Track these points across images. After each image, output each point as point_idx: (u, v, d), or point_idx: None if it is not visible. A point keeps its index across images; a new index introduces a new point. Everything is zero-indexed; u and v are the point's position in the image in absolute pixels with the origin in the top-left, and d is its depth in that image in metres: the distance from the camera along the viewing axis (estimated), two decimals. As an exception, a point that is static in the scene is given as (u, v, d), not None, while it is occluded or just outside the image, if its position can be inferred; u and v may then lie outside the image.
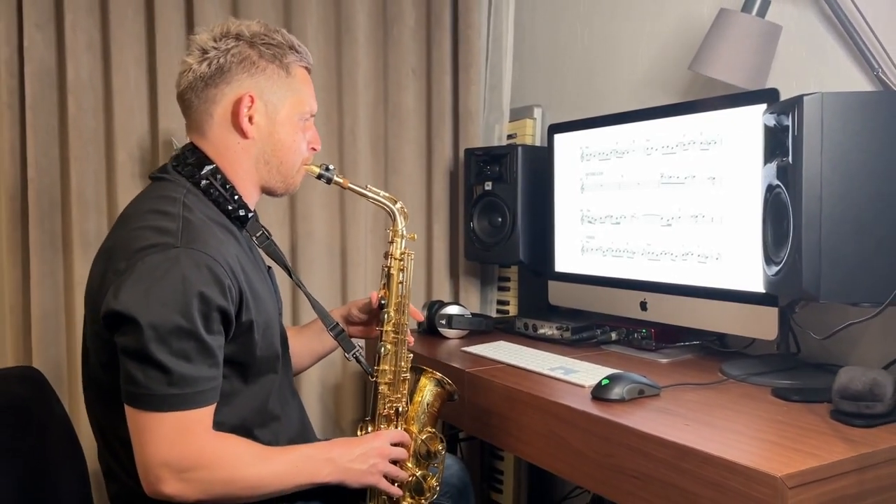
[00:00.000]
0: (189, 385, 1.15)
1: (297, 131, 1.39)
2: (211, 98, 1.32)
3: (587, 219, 1.97)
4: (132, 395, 1.15)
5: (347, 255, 2.35)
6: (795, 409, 1.30)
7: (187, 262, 1.16)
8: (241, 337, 1.25)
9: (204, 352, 1.16)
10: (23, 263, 2.07)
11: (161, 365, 1.13)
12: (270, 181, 1.39)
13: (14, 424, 1.45)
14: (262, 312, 1.30)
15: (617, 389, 1.37)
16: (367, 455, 1.32)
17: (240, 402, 1.28)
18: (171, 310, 1.13)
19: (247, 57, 1.32)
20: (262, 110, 1.33)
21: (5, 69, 2.03)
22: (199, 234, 1.21)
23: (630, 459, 1.22)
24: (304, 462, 1.27)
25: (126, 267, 1.16)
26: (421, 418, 1.47)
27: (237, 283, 1.22)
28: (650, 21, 2.08)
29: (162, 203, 1.26)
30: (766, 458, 1.06)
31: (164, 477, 1.14)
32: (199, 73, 1.31)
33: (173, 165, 1.35)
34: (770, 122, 1.34)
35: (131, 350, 1.14)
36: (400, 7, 2.41)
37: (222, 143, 1.34)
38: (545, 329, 1.96)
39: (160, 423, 1.14)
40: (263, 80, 1.33)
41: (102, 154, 2.11)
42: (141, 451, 1.16)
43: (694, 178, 1.67)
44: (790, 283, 1.27)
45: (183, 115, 1.39)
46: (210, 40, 1.32)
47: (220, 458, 1.19)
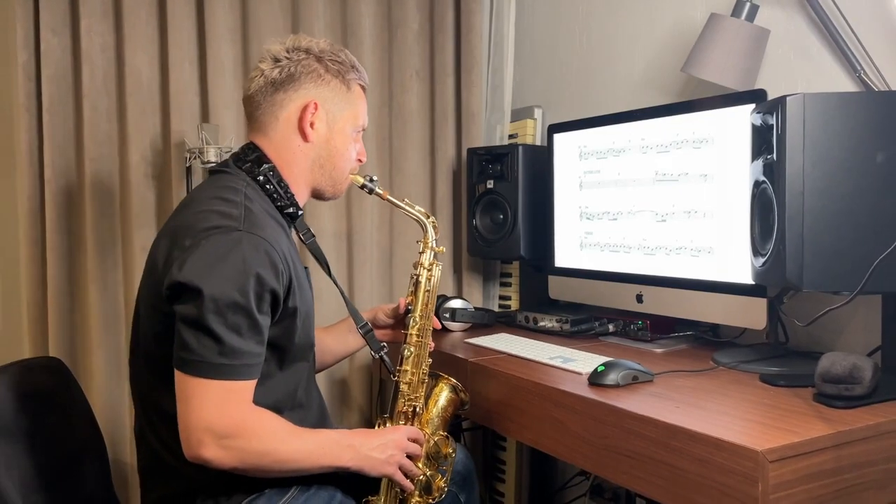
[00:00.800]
0: (237, 357, 1.23)
1: (350, 141, 1.49)
2: (279, 102, 1.42)
3: (585, 215, 2.04)
4: (184, 361, 1.23)
5: (354, 252, 2.41)
6: (781, 393, 1.37)
7: (248, 245, 1.25)
8: (285, 321, 1.33)
9: (253, 328, 1.25)
10: (40, 260, 2.12)
11: (215, 335, 1.21)
12: (322, 184, 1.49)
13: (40, 411, 1.52)
14: (305, 302, 1.38)
15: (612, 375, 1.43)
16: (386, 446, 1.39)
17: (273, 385, 1.35)
18: (230, 285, 1.22)
19: (315, 69, 1.43)
20: (323, 118, 1.44)
21: (23, 73, 2.08)
22: (259, 221, 1.31)
23: (624, 440, 1.29)
24: (329, 444, 1.34)
25: (191, 244, 1.25)
26: (434, 421, 1.55)
27: (288, 269, 1.31)
28: (645, 25, 2.14)
29: (225, 192, 1.35)
30: (749, 435, 1.13)
31: (205, 441, 1.21)
32: (271, 78, 1.42)
33: (234, 161, 1.45)
34: (757, 121, 1.40)
35: (189, 319, 1.22)
36: (404, 11, 2.46)
37: (284, 144, 1.44)
38: (545, 322, 2.02)
39: (207, 390, 1.21)
40: (327, 91, 1.44)
41: (116, 155, 2.16)
42: (186, 414, 1.22)
43: (687, 176, 1.74)
44: (775, 273, 1.33)
45: (247, 116, 1.49)
46: (283, 50, 1.44)
47: (259, 430, 1.26)
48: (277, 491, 1.35)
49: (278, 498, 1.34)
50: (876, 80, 1.55)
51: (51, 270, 2.10)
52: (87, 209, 2.11)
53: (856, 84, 1.58)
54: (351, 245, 2.42)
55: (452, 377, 1.59)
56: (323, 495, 1.39)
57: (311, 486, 1.39)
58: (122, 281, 2.16)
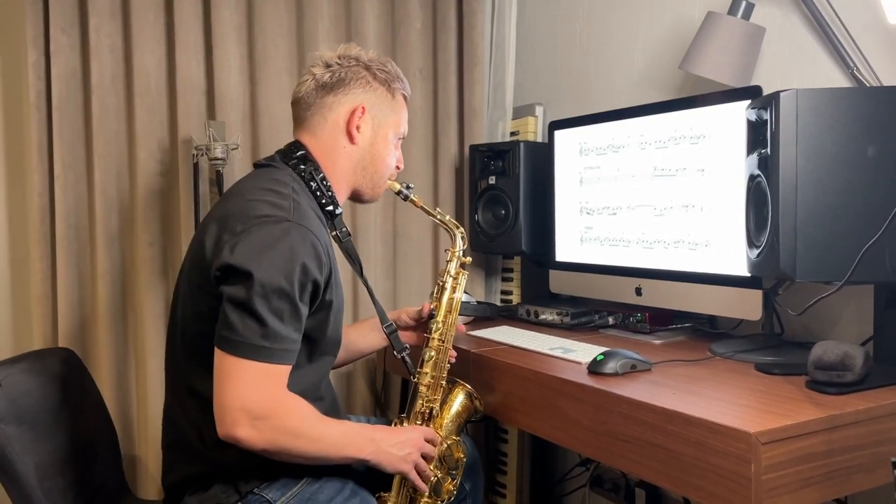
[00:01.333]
0: (278, 341, 1.27)
1: (391, 147, 1.56)
2: (328, 104, 1.49)
3: (586, 210, 2.08)
4: (227, 341, 1.27)
5: (359, 247, 2.40)
6: (775, 381, 1.41)
7: (297, 236, 1.31)
8: (320, 313, 1.38)
9: (294, 315, 1.30)
10: (50, 256, 2.15)
11: (260, 317, 1.25)
12: (362, 185, 1.55)
13: (54, 399, 1.56)
14: (339, 297, 1.43)
15: (611, 364, 1.47)
16: (405, 444, 1.44)
17: (301, 375, 1.39)
18: (278, 272, 1.27)
19: (364, 76, 1.50)
20: (369, 122, 1.50)
21: (33, 72, 2.10)
22: (306, 214, 1.36)
23: (621, 425, 1.33)
24: (353, 435, 1.39)
25: (242, 230, 1.30)
26: (448, 426, 1.59)
27: (329, 262, 1.36)
28: (644, 23, 2.17)
29: (274, 184, 1.41)
30: (743, 419, 1.16)
31: (240, 420, 1.24)
32: (322, 81, 1.49)
33: (281, 157, 1.50)
34: (752, 116, 1.44)
35: (237, 300, 1.26)
36: (407, 10, 2.49)
37: (330, 145, 1.50)
38: (546, 315, 2.06)
39: (247, 370, 1.26)
40: (374, 97, 1.51)
41: (125, 152, 2.19)
42: (223, 393, 1.26)
43: (685, 171, 1.77)
44: (770, 264, 1.37)
45: (294, 118, 1.55)
46: (334, 57, 1.51)
47: (291, 413, 1.31)
48: (293, 477, 1.39)
49: (293, 484, 1.38)
50: (868, 76, 1.59)
51: (60, 265, 2.13)
52: (96, 205, 2.14)
53: (849, 80, 1.62)
54: (356, 241, 2.43)
55: (464, 381, 1.64)
56: (335, 483, 1.43)
57: (334, 476, 1.43)
58: (131, 277, 2.19)
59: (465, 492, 1.72)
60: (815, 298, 1.34)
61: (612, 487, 2.30)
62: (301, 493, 1.38)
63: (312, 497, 1.39)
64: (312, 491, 1.40)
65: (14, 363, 1.52)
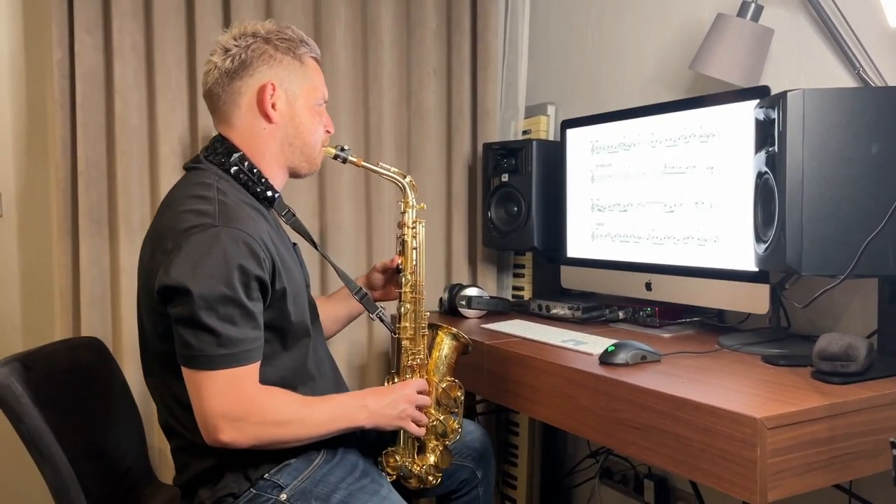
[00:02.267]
0: (235, 345, 1.29)
1: (314, 115, 1.53)
2: (237, 90, 1.46)
3: (597, 207, 2.12)
4: (187, 358, 1.30)
5: (373, 245, 2.48)
6: (782, 371, 1.45)
7: (227, 239, 1.30)
8: (276, 303, 1.39)
9: (246, 316, 1.31)
10: (72, 250, 2.20)
11: (211, 329, 1.27)
12: (295, 161, 1.53)
13: (83, 386, 1.62)
14: (293, 282, 1.44)
15: (622, 355, 1.52)
16: (397, 402, 1.48)
17: (280, 363, 1.43)
18: (216, 281, 1.27)
19: (265, 51, 1.46)
20: (282, 97, 1.47)
21: (58, 70, 2.15)
22: (234, 214, 1.35)
23: (631, 412, 1.38)
24: (341, 409, 1.43)
25: (173, 246, 1.30)
26: (441, 369, 1.63)
27: (270, 255, 1.36)
28: (655, 24, 2.21)
29: (198, 189, 1.39)
30: (749, 405, 1.21)
31: (221, 427, 1.28)
32: (224, 68, 1.45)
33: (205, 156, 1.49)
34: (760, 115, 1.48)
35: (184, 318, 1.28)
36: (422, 12, 2.53)
37: (249, 131, 1.48)
38: (558, 309, 2.10)
39: (214, 380, 1.29)
40: (281, 70, 1.47)
41: (146, 149, 2.22)
42: (199, 405, 1.30)
43: (694, 168, 1.81)
44: (776, 258, 1.41)
45: (210, 111, 1.53)
46: (231, 39, 1.47)
47: (269, 407, 1.34)
48: (303, 459, 1.43)
49: (304, 467, 1.43)
50: (874, 76, 1.63)
51: (83, 260, 2.18)
52: (118, 200, 2.19)
53: (855, 80, 1.66)
54: (370, 238, 2.49)
55: (460, 333, 1.66)
56: (346, 464, 1.47)
57: (336, 453, 1.47)
58: (152, 269, 2.23)
59: (478, 479, 1.77)
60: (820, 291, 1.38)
61: (621, 479, 2.34)
62: (312, 476, 1.42)
63: (324, 479, 1.43)
64: (324, 473, 1.43)
65: (46, 350, 1.58)
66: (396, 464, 1.57)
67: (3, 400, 1.37)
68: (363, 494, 1.42)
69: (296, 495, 1.39)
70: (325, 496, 1.40)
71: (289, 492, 1.39)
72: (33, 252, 2.69)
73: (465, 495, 1.76)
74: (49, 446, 1.38)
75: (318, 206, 2.42)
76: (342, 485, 1.43)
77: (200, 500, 1.41)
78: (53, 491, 1.40)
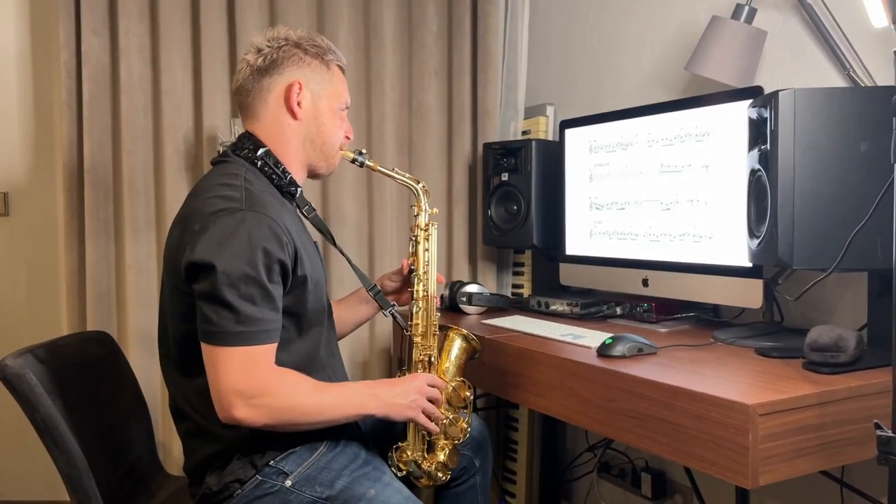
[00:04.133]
0: (254, 324, 1.34)
1: (335, 118, 1.60)
2: (266, 86, 1.54)
3: (595, 205, 2.16)
4: (207, 333, 1.34)
5: (375, 241, 2.52)
6: (774, 363, 1.49)
7: (252, 222, 1.35)
8: (296, 289, 1.44)
9: (266, 297, 1.36)
10: (78, 248, 2.23)
11: (231, 306, 1.32)
12: (314, 159, 1.59)
13: (94, 378, 1.66)
14: (314, 270, 1.49)
15: (619, 347, 1.56)
16: (408, 392, 1.51)
17: (295, 349, 1.47)
18: (240, 260, 1.32)
19: (295, 53, 1.55)
20: (308, 97, 1.55)
21: (65, 71, 2.19)
22: (260, 200, 1.42)
23: (628, 402, 1.42)
24: (353, 395, 1.47)
25: (200, 227, 1.36)
26: (451, 369, 1.67)
27: (293, 241, 1.42)
28: (652, 26, 2.25)
29: (226, 178, 1.46)
30: (742, 394, 1.25)
31: (235, 403, 1.32)
32: (256, 66, 1.54)
33: (232, 150, 1.56)
34: (753, 114, 1.53)
35: (206, 294, 1.33)
36: (424, 14, 2.57)
37: (275, 125, 1.55)
38: (556, 305, 2.14)
39: (231, 356, 1.33)
40: (309, 71, 1.55)
41: (151, 148, 2.27)
42: (215, 381, 1.34)
43: (690, 167, 1.85)
44: (769, 252, 1.46)
45: (239, 108, 1.60)
46: (264, 41, 1.56)
47: (283, 387, 1.38)
48: (307, 448, 1.47)
49: (308, 455, 1.46)
50: (864, 76, 1.67)
51: (89, 258, 2.22)
52: (124, 199, 2.23)
53: (845, 80, 1.71)
54: (372, 234, 2.53)
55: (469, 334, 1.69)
56: (349, 452, 1.51)
57: (339, 443, 1.51)
58: (157, 267, 2.27)
59: (476, 468, 1.80)
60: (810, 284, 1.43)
61: (619, 473, 2.38)
62: (316, 463, 1.46)
63: (327, 466, 1.46)
64: (327, 460, 1.47)
65: (58, 343, 1.61)
66: (407, 458, 1.60)
67: (18, 389, 1.40)
68: (366, 481, 1.46)
69: (300, 481, 1.43)
70: (328, 482, 1.44)
71: (294, 478, 1.43)
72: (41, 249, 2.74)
73: (462, 483, 1.79)
74: (62, 435, 1.42)
75: (320, 202, 2.46)
76: (345, 472, 1.46)
77: (208, 487, 1.44)
78: (66, 479, 1.43)
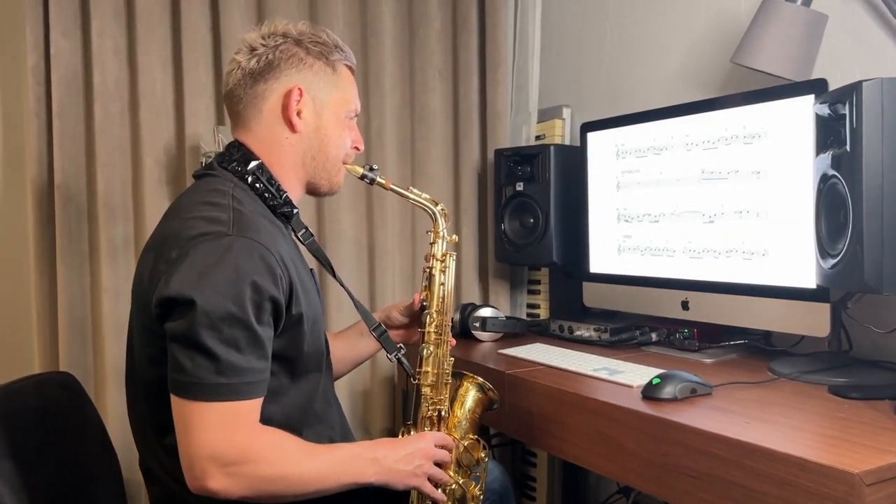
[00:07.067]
0: (237, 375, 1.12)
1: (342, 128, 1.38)
2: (260, 93, 1.32)
3: (624, 217, 1.94)
4: (179, 384, 1.12)
5: (375, 259, 2.34)
6: (856, 406, 1.26)
7: (240, 251, 1.14)
8: (290, 330, 1.22)
9: (254, 342, 1.14)
10: (49, 271, 2.07)
11: (210, 352, 1.10)
12: (316, 177, 1.38)
13: (52, 428, 1.44)
14: (311, 307, 1.27)
15: (669, 388, 1.33)
16: (413, 456, 1.29)
17: (286, 400, 1.25)
18: (223, 296, 1.11)
19: (294, 53, 1.32)
20: (309, 105, 1.33)
21: (32, 77, 2.03)
22: (251, 223, 1.20)
23: (687, 458, 1.18)
24: (349, 461, 1.24)
25: (178, 255, 1.14)
26: (463, 424, 1.44)
27: (288, 273, 1.20)
28: (682, 17, 2.06)
29: (212, 196, 1.24)
30: (837, 454, 1.02)
31: (210, 471, 1.10)
32: (248, 69, 1.31)
33: (219, 162, 1.34)
34: (823, 111, 1.30)
35: (181, 336, 1.11)
36: (426, 9, 2.42)
37: (270, 138, 1.33)
38: (582, 331, 1.92)
39: (207, 414, 1.11)
40: (311, 75, 1.33)
41: (129, 160, 2.11)
42: (187, 443, 1.12)
43: (737, 173, 1.64)
44: (850, 275, 1.23)
45: (229, 114, 1.38)
46: (258, 38, 1.33)
47: (268, 453, 1.15)
48: None
49: None
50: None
51: (61, 282, 2.05)
52: (99, 216, 2.06)
53: (921, 72, 1.48)
54: (372, 251, 2.34)
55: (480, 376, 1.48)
56: None
57: None
58: (136, 291, 2.08)
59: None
60: (894, 313, 1.20)
61: (652, 516, 2.16)
62: None
63: None
64: None
65: (8, 389, 1.40)
66: None
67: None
68: None
69: None
70: None
71: None
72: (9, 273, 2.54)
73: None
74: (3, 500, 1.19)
75: (314, 217, 2.27)
76: None
77: None
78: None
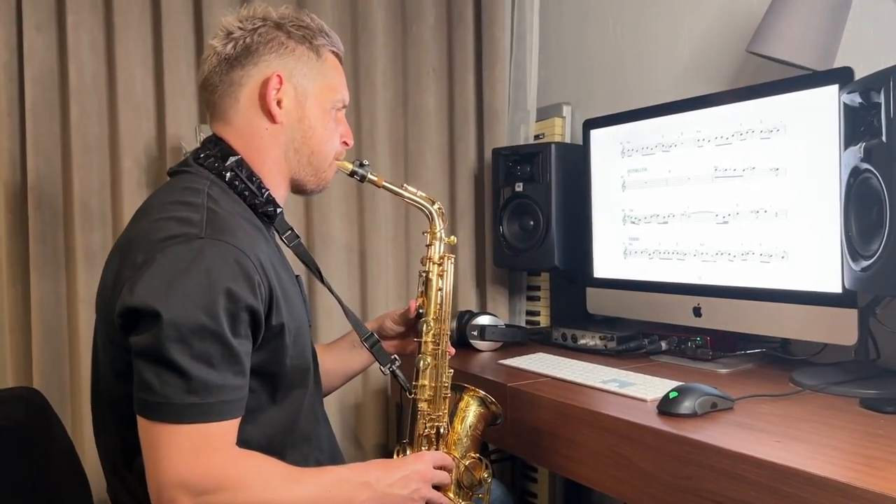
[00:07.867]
0: (211, 394, 1.01)
1: (328, 119, 1.27)
2: (237, 81, 1.21)
3: (630, 219, 1.84)
4: (146, 405, 1.01)
5: (367, 265, 2.25)
6: (891, 420, 1.16)
7: (213, 255, 1.03)
8: (270, 342, 1.11)
9: (229, 357, 1.03)
10: (22, 279, 1.98)
11: (179, 369, 0.99)
12: (301, 173, 1.27)
13: (14, 450, 1.32)
14: (294, 317, 1.16)
15: (687, 403, 1.22)
16: (409, 479, 1.18)
17: (267, 420, 1.14)
18: (194, 306, 1.00)
19: (274, 37, 1.22)
20: (291, 93, 1.22)
21: (4, 73, 1.96)
22: (226, 225, 1.09)
23: (713, 482, 1.07)
24: (338, 486, 1.12)
25: (144, 260, 1.03)
26: (464, 442, 1.33)
27: (267, 280, 1.09)
28: (689, 7, 1.96)
29: (185, 194, 1.14)
30: (884, 479, 0.91)
31: (180, 500, 0.99)
32: (224, 54, 1.21)
33: (194, 158, 1.23)
34: (853, 101, 1.20)
35: (147, 351, 1.00)
36: (420, 4, 2.34)
37: (249, 130, 1.23)
38: (586, 339, 1.82)
39: (177, 437, 1.00)
40: (293, 61, 1.22)
41: (107, 161, 2.02)
42: (155, 469, 1.01)
43: (753, 170, 1.53)
44: (886, 278, 1.12)
45: (206, 106, 1.28)
46: (236, 22, 1.22)
47: (245, 479, 1.04)
48: None
49: None
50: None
51: (35, 291, 1.96)
52: (75, 221, 1.99)
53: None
54: (363, 256, 2.25)
55: None
56: None
57: None
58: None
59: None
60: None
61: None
62: None
63: None
64: None
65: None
66: None
67: None
68: None
69: None
70: None
71: None
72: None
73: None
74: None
75: (302, 220, 2.17)
76: None
77: None
78: None
